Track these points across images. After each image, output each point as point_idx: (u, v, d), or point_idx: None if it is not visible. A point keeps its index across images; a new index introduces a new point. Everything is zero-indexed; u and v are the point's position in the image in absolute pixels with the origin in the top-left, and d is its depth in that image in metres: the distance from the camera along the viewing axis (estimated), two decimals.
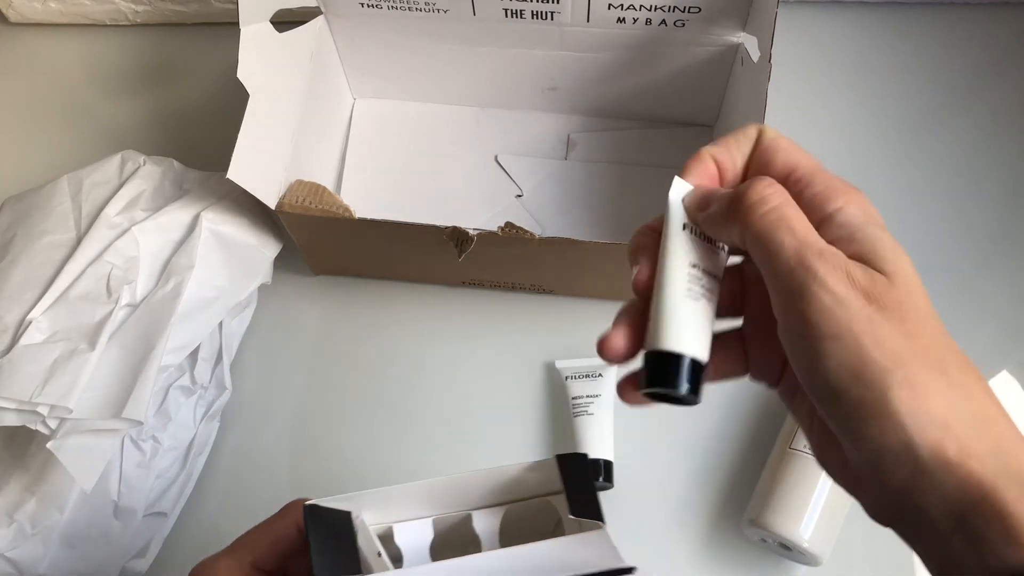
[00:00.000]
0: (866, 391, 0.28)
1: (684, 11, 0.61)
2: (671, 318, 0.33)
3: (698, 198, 0.33)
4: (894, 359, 0.28)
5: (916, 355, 0.29)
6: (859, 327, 0.29)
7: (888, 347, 0.29)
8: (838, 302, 0.29)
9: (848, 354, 0.29)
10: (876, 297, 0.29)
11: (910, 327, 0.29)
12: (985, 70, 0.74)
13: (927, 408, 0.28)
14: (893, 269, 0.30)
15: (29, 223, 0.59)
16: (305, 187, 0.59)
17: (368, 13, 0.65)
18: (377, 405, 0.65)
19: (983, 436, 0.29)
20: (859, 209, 0.31)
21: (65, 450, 0.50)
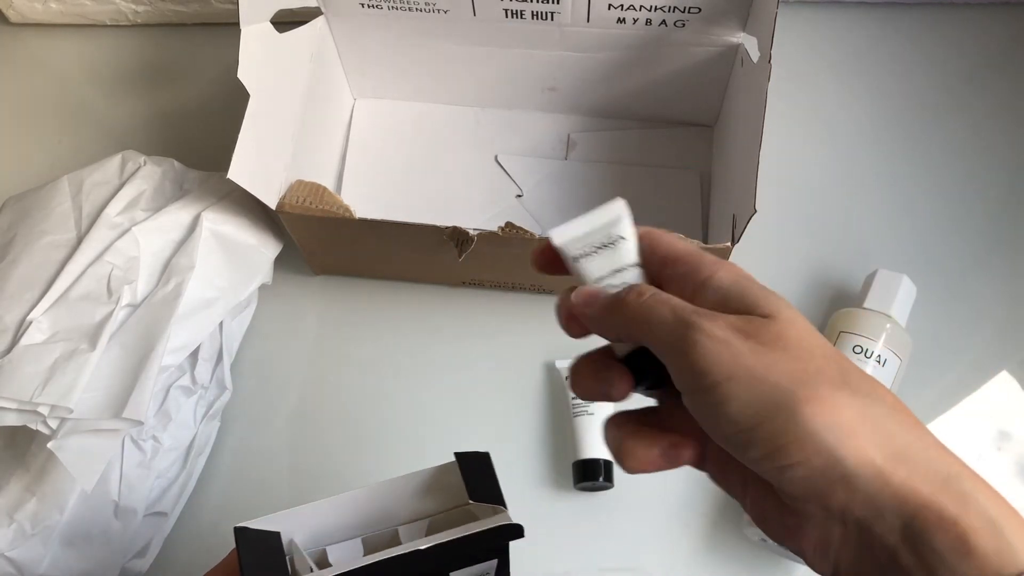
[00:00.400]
0: (776, 419, 0.28)
1: (684, 11, 0.61)
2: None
3: (585, 295, 0.35)
4: (792, 381, 0.29)
5: (812, 374, 0.29)
6: (748, 361, 0.29)
7: (782, 372, 0.29)
8: (722, 345, 0.30)
9: (747, 390, 0.29)
10: (756, 334, 0.30)
11: (797, 353, 0.30)
12: (984, 70, 0.74)
13: (839, 420, 0.28)
14: (769, 310, 0.31)
15: (29, 223, 0.59)
16: (305, 187, 0.59)
17: (368, 13, 0.65)
18: (377, 405, 0.65)
19: (904, 441, 0.29)
20: (728, 272, 0.33)
21: (65, 450, 0.50)
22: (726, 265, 0.33)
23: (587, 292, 0.35)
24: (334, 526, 0.44)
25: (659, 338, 0.32)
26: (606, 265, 0.37)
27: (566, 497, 0.61)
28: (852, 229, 0.68)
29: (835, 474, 0.28)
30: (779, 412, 0.28)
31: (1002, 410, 0.63)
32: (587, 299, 0.35)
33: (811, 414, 0.28)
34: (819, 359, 0.30)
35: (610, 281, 0.36)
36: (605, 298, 0.34)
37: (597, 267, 0.37)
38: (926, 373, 0.63)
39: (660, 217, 0.67)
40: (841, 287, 0.66)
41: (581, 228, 0.38)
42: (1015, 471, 0.61)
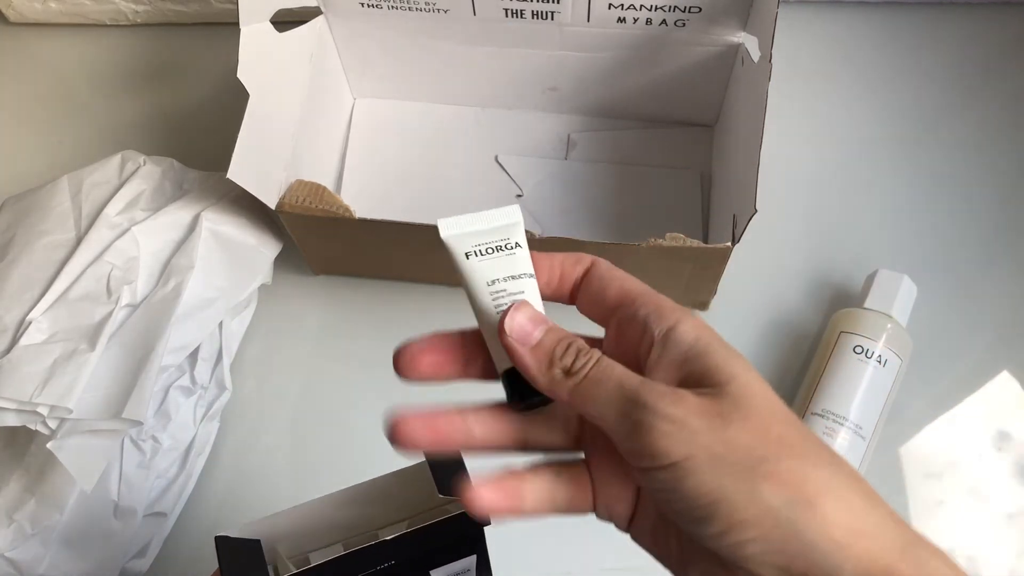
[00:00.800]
0: (736, 497, 0.28)
1: (684, 11, 0.61)
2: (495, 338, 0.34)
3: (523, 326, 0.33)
4: (751, 457, 0.28)
5: (772, 446, 0.28)
6: (705, 440, 0.28)
7: (741, 448, 0.28)
8: (678, 426, 0.29)
9: (705, 469, 0.28)
10: (713, 408, 0.29)
11: (756, 423, 0.29)
12: (985, 70, 0.74)
13: (799, 495, 0.28)
14: (726, 378, 0.30)
15: (29, 223, 0.59)
16: (305, 187, 0.59)
17: (368, 13, 0.65)
18: (377, 405, 0.64)
19: (863, 512, 0.29)
20: (691, 327, 0.31)
21: (65, 450, 0.50)
22: (687, 316, 0.32)
23: (520, 324, 0.32)
24: (315, 532, 0.44)
25: (606, 418, 0.30)
26: (502, 269, 0.35)
27: None
28: (853, 229, 0.68)
29: (794, 548, 0.28)
30: (739, 489, 0.28)
31: (1003, 410, 0.63)
32: (524, 332, 0.32)
33: (771, 490, 0.28)
34: (779, 427, 0.29)
35: (505, 287, 0.34)
36: (546, 346, 0.32)
37: (492, 270, 0.34)
38: (927, 373, 0.63)
39: (660, 217, 0.67)
40: (842, 287, 0.66)
41: (475, 224, 0.35)
42: (1015, 472, 0.61)
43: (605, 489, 0.34)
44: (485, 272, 0.35)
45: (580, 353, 0.31)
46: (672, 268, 0.59)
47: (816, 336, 0.64)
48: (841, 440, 0.56)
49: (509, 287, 0.34)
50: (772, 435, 0.29)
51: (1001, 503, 0.60)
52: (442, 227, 0.35)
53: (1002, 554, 0.59)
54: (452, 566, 0.44)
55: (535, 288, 0.35)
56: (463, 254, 0.35)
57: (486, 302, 0.35)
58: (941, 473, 0.61)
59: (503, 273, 0.35)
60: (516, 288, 0.34)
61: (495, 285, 0.34)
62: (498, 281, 0.34)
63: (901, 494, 0.60)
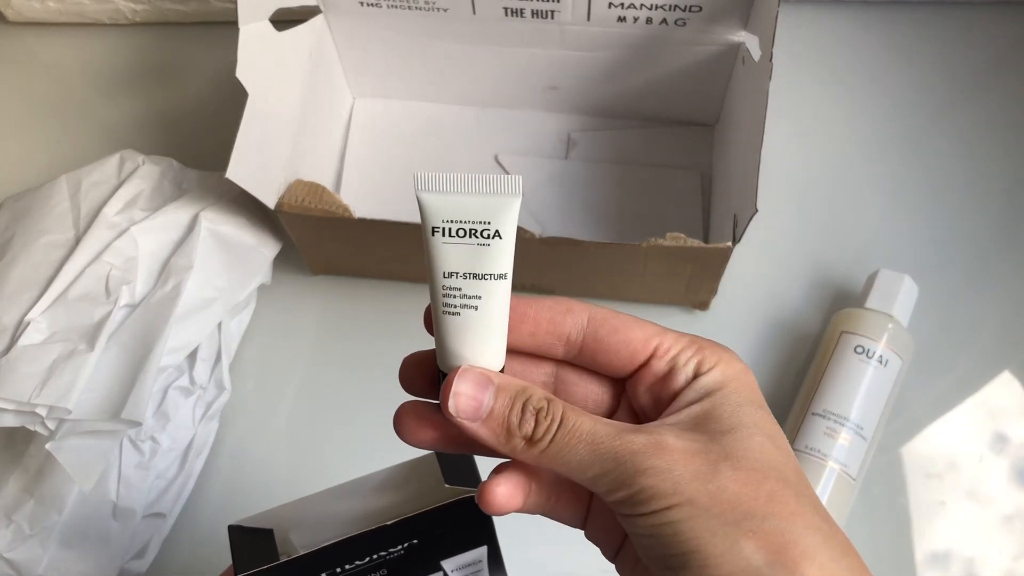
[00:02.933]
0: (715, 548, 0.27)
1: (685, 10, 0.61)
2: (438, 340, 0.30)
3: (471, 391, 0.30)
4: (737, 512, 0.27)
5: (762, 502, 0.27)
6: (690, 489, 0.27)
7: (728, 501, 0.27)
8: (662, 476, 0.27)
9: (687, 518, 0.27)
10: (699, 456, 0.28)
11: (747, 477, 0.28)
12: (986, 69, 0.73)
13: (784, 558, 0.26)
14: (727, 427, 0.28)
15: (27, 223, 0.59)
16: (304, 187, 0.58)
17: (368, 12, 0.65)
18: (377, 405, 0.64)
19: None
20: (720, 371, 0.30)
21: (64, 451, 0.50)
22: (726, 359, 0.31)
23: (473, 383, 0.29)
24: (327, 522, 0.44)
25: (581, 478, 0.29)
26: (467, 263, 0.29)
27: None
28: (854, 229, 0.68)
29: None
30: (718, 543, 0.27)
31: (1003, 411, 0.62)
32: (471, 407, 0.29)
33: (752, 549, 0.26)
34: (772, 483, 0.28)
35: (460, 287, 0.29)
36: (498, 417, 0.29)
37: (455, 259, 0.29)
38: (928, 373, 0.63)
39: (660, 217, 0.67)
40: (843, 287, 0.66)
41: (459, 191, 0.29)
42: (1015, 472, 0.61)
43: (596, 516, 0.33)
44: (446, 259, 0.29)
45: (540, 415, 0.29)
46: (672, 268, 0.59)
47: (817, 336, 0.64)
48: (842, 441, 0.56)
49: (466, 288, 0.29)
50: (763, 490, 0.27)
51: (1000, 505, 0.60)
52: (418, 182, 0.29)
53: (999, 556, 0.59)
54: (463, 557, 0.44)
55: (504, 296, 0.30)
56: (430, 227, 0.29)
57: (436, 294, 0.30)
58: (942, 474, 0.61)
59: (465, 267, 0.29)
60: (474, 291, 0.29)
61: (451, 280, 0.29)
62: (456, 276, 0.29)
63: (902, 495, 0.60)
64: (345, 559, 0.41)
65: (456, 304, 0.29)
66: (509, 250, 0.29)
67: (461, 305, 0.29)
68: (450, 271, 0.29)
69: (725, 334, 0.65)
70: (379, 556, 0.42)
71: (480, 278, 0.29)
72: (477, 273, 0.29)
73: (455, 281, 0.29)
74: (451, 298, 0.29)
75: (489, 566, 0.46)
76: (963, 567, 0.58)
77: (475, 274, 0.29)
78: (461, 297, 0.29)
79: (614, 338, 0.31)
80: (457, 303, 0.29)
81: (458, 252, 0.29)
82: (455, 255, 0.29)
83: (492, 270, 0.29)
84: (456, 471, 0.43)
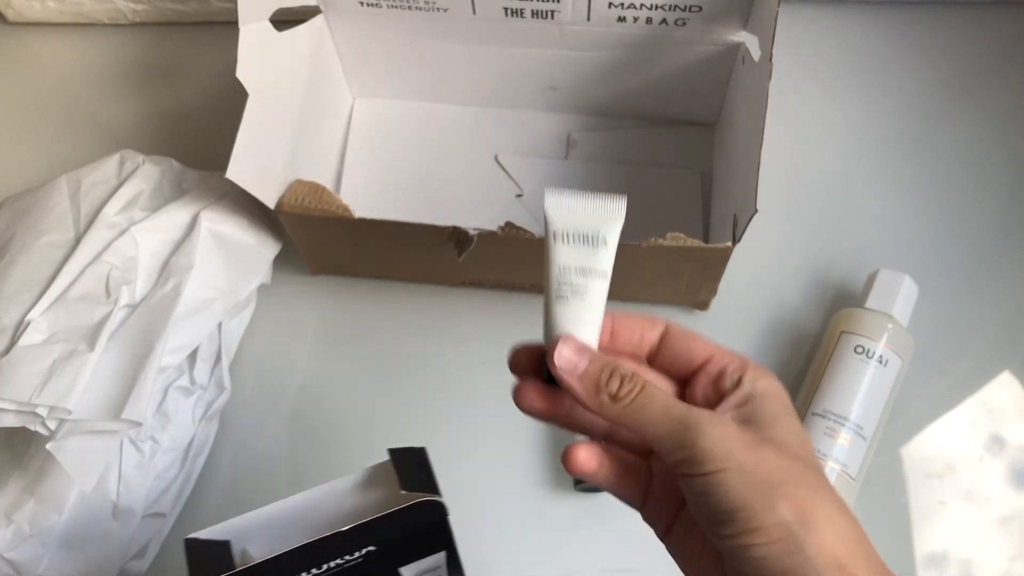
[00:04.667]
0: (756, 506, 0.32)
1: (685, 10, 0.61)
2: (546, 320, 0.38)
3: (572, 351, 0.37)
4: (776, 478, 0.33)
5: (796, 475, 0.33)
6: (740, 456, 0.33)
7: (769, 468, 0.33)
8: (718, 441, 0.33)
9: (737, 480, 0.33)
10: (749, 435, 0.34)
11: (785, 454, 0.34)
12: (986, 69, 0.74)
13: (809, 518, 0.32)
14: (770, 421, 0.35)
15: (27, 223, 0.59)
16: (304, 187, 0.59)
17: (368, 12, 0.65)
18: (376, 405, 0.65)
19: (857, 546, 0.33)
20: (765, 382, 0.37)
21: (64, 451, 0.50)
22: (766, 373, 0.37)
23: (569, 349, 0.36)
24: (285, 532, 0.44)
25: (652, 435, 0.35)
26: (576, 260, 0.37)
27: (566, 498, 0.61)
28: (854, 229, 0.68)
29: (795, 560, 0.32)
30: (759, 501, 0.32)
31: (1003, 411, 0.62)
32: (571, 360, 0.36)
33: (786, 508, 0.32)
34: (801, 464, 0.34)
35: (570, 280, 0.37)
36: (598, 368, 0.36)
37: (567, 257, 0.37)
38: (928, 373, 0.63)
39: (660, 217, 0.67)
40: (843, 287, 0.66)
41: (577, 206, 0.37)
42: (1014, 472, 0.61)
43: (653, 498, 0.38)
44: (560, 256, 0.37)
45: (624, 380, 0.35)
46: (672, 268, 0.59)
47: (817, 336, 0.64)
48: (842, 440, 0.56)
49: (574, 280, 0.37)
50: (796, 468, 0.34)
51: (999, 505, 0.60)
52: (548, 198, 0.37)
53: (999, 556, 0.59)
54: (422, 563, 0.44)
55: (602, 291, 0.37)
56: (552, 232, 0.37)
57: (552, 283, 0.37)
58: (942, 473, 0.61)
59: (575, 264, 0.37)
60: (582, 283, 0.37)
61: (564, 275, 0.37)
62: (567, 271, 0.37)
63: (902, 494, 0.60)
64: (302, 567, 0.41)
65: (567, 292, 0.37)
66: (611, 255, 0.37)
67: (571, 292, 0.37)
68: (563, 265, 0.37)
69: (725, 334, 0.65)
70: (337, 564, 0.41)
71: (585, 273, 0.37)
72: (585, 268, 0.37)
73: (567, 275, 0.37)
74: (563, 287, 0.37)
75: (448, 571, 0.46)
76: (962, 567, 0.58)
77: (584, 269, 0.37)
78: (571, 287, 0.37)
79: (682, 346, 0.38)
80: (567, 291, 0.37)
81: (572, 252, 0.37)
82: (569, 254, 0.37)
83: (596, 267, 0.37)
84: (412, 478, 0.43)
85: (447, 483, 0.61)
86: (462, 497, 0.61)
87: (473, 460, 0.62)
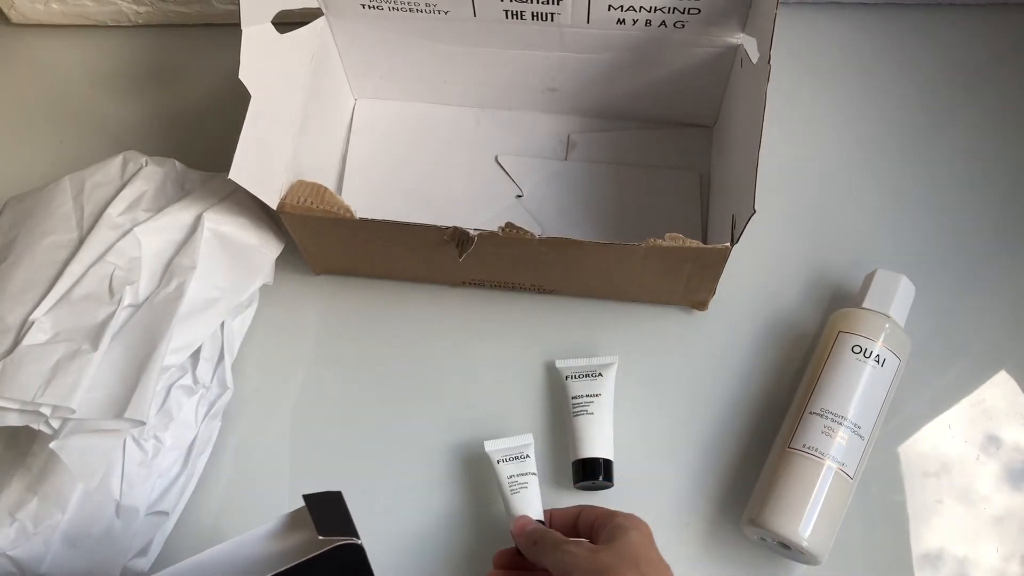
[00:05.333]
0: None
1: (684, 12, 0.61)
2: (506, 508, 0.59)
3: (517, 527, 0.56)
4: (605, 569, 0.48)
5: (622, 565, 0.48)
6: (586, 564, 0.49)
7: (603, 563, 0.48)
8: (573, 555, 0.50)
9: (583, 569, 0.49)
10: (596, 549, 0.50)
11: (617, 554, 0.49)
12: (984, 70, 0.74)
13: None
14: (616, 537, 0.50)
15: (31, 224, 0.59)
16: (306, 187, 0.59)
17: (369, 14, 0.65)
18: (377, 404, 0.65)
19: None
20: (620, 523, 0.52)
21: (68, 450, 0.50)
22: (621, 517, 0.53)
23: (518, 525, 0.56)
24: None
25: (546, 559, 0.52)
26: (515, 470, 0.59)
27: (566, 496, 0.61)
28: (851, 229, 0.68)
29: None
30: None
31: (999, 411, 0.63)
32: (519, 530, 0.56)
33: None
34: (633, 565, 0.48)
35: (516, 480, 0.58)
36: (528, 532, 0.55)
37: (509, 469, 0.59)
38: (925, 373, 0.63)
39: (660, 217, 0.68)
40: (840, 287, 0.66)
41: (504, 443, 0.60)
42: (1009, 472, 0.61)
43: None
44: (503, 471, 0.59)
45: (539, 535, 0.54)
46: (671, 268, 0.59)
47: (815, 336, 0.64)
48: (840, 439, 0.57)
49: (519, 480, 0.59)
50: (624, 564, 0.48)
51: (995, 504, 0.60)
52: (488, 447, 0.60)
53: (994, 555, 0.59)
54: None
55: (535, 483, 0.59)
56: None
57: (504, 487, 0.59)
58: (939, 472, 0.61)
59: (516, 472, 0.59)
60: (523, 481, 0.59)
61: (512, 479, 0.59)
62: (513, 479, 0.59)
63: (899, 493, 0.60)
64: None
65: (517, 489, 0.59)
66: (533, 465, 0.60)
67: (519, 488, 0.59)
68: (509, 474, 0.59)
69: (723, 334, 0.65)
70: None
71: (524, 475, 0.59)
72: (523, 473, 0.59)
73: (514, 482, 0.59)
74: (515, 486, 0.59)
75: None
76: (958, 565, 0.59)
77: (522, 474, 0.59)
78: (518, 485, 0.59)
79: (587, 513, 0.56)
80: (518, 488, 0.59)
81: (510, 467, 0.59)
82: (508, 468, 0.59)
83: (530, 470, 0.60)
84: (330, 522, 0.43)
85: (441, 476, 0.61)
86: (463, 492, 0.62)
87: (473, 458, 0.62)
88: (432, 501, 0.61)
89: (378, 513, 0.61)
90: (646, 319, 0.66)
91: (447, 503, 0.61)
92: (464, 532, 0.61)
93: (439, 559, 0.60)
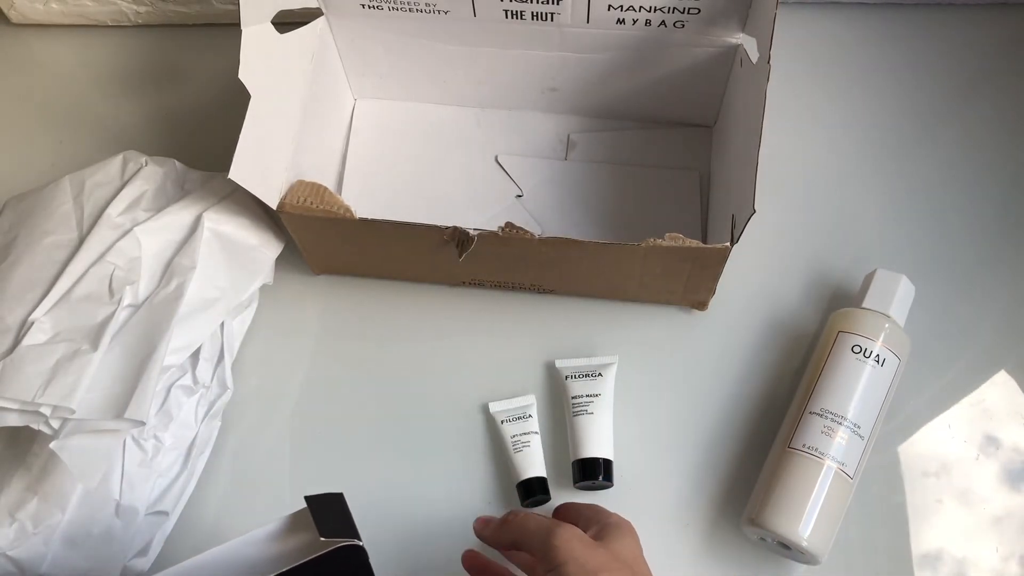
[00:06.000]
0: None
1: (684, 12, 0.61)
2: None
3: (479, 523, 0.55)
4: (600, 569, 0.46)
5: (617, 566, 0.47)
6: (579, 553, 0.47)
7: (598, 562, 0.47)
8: (565, 541, 0.47)
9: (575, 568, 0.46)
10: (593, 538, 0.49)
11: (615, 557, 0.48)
12: (984, 70, 0.74)
13: None
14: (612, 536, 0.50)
15: (31, 224, 0.59)
16: (306, 187, 0.59)
17: (369, 14, 0.65)
18: (377, 404, 0.65)
19: None
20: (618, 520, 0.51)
21: (68, 450, 0.50)
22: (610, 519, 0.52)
23: (480, 520, 0.54)
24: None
25: (530, 544, 0.49)
26: (519, 428, 0.61)
27: (566, 496, 0.61)
28: (851, 229, 0.68)
29: None
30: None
31: (999, 411, 0.63)
32: (481, 524, 0.54)
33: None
34: (629, 568, 0.47)
35: (520, 439, 0.60)
36: (495, 522, 0.53)
37: (512, 429, 0.61)
38: (924, 373, 0.63)
39: (659, 217, 0.68)
40: (840, 287, 0.66)
41: (510, 403, 0.62)
42: (1009, 472, 0.61)
43: None
44: (509, 430, 0.61)
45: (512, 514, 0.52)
46: (671, 268, 0.59)
47: (814, 336, 0.64)
48: (839, 439, 0.57)
49: (522, 439, 0.61)
50: (619, 565, 0.47)
51: (992, 505, 0.60)
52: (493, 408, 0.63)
53: (994, 555, 0.59)
54: None
55: (537, 442, 0.61)
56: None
57: (507, 444, 0.61)
58: (938, 472, 0.61)
59: (519, 431, 0.61)
60: (525, 440, 0.61)
61: (515, 438, 0.61)
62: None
63: (899, 493, 0.60)
64: None
65: (518, 444, 0.61)
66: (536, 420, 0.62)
67: (521, 444, 0.61)
68: (513, 434, 0.61)
69: (723, 334, 0.65)
70: None
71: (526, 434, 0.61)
72: (526, 432, 0.61)
73: (517, 437, 0.61)
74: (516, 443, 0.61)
75: None
76: (957, 565, 0.59)
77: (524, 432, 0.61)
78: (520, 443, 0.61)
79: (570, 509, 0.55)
80: (519, 444, 0.61)
81: (579, 384, 0.62)
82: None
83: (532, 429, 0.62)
84: (331, 523, 0.43)
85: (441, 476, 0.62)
86: (464, 492, 0.62)
87: (473, 458, 0.63)
88: (432, 501, 0.62)
89: (379, 514, 0.61)
90: (646, 319, 0.66)
91: (447, 503, 0.61)
92: (466, 533, 0.61)
93: (440, 560, 0.60)
